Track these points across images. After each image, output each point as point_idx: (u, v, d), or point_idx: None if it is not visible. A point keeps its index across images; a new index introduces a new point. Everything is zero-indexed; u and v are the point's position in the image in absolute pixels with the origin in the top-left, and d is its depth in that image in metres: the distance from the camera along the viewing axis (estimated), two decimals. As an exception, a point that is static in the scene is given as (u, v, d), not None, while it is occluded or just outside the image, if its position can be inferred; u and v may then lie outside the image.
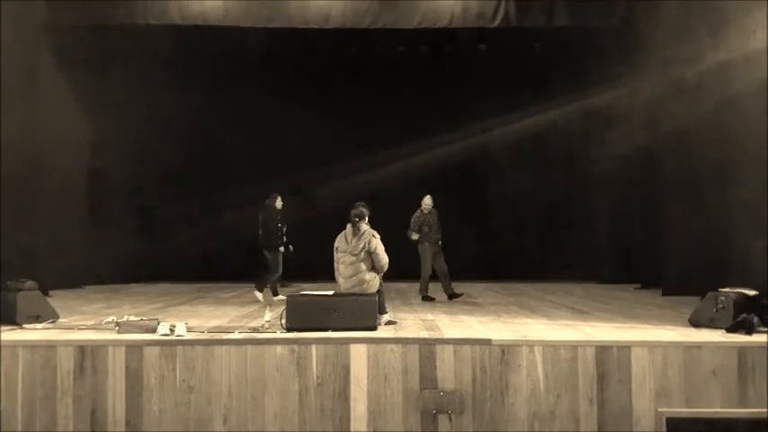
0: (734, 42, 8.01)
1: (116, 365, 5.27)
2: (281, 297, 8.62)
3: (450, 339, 5.41)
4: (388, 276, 6.50)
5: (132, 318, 5.91)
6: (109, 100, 11.35)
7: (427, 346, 5.32)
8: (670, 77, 9.17)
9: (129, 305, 8.05)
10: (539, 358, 5.24)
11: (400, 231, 11.00)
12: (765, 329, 5.61)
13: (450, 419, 5.16)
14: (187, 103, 12.35)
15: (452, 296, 8.69)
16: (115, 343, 5.35)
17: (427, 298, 8.67)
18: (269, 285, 8.94)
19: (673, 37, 9.26)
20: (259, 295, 8.72)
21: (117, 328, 5.67)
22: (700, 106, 8.74)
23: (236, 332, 5.71)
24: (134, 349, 5.31)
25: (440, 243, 8.77)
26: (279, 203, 9.14)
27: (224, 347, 5.33)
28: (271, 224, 8.94)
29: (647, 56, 9.94)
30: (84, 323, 6.29)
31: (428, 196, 8.79)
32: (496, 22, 9.69)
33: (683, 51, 9.00)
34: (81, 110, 10.90)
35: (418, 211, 8.80)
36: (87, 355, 5.28)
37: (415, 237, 8.67)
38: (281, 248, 8.91)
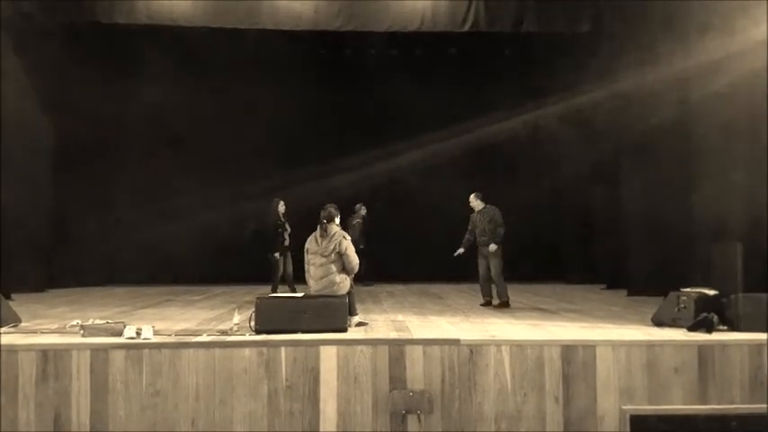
0: (695, 49, 8.24)
1: (80, 370, 5.18)
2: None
3: (420, 340, 5.45)
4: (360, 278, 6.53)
5: (97, 321, 5.79)
6: (73, 100, 11.14)
7: (397, 347, 5.34)
8: (634, 82, 9.38)
9: (94, 308, 7.89)
10: (506, 358, 5.30)
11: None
12: (725, 328, 5.79)
13: (420, 419, 5.19)
14: (152, 103, 12.20)
15: (486, 304, 8.05)
16: (79, 347, 5.25)
17: (485, 303, 8.02)
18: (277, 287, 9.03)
19: (636, 42, 9.49)
20: None
21: (81, 331, 5.56)
22: (662, 111, 8.97)
23: (204, 335, 5.66)
24: (99, 353, 5.22)
25: (489, 246, 7.86)
26: (281, 207, 9.17)
27: (191, 350, 5.27)
28: (270, 228, 8.97)
29: (612, 61, 10.15)
30: (47, 327, 6.15)
31: (472, 195, 8.08)
32: (466, 27, 9.80)
33: (646, 56, 9.22)
34: (44, 111, 10.69)
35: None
36: (50, 359, 5.18)
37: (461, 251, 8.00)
38: (276, 254, 8.96)
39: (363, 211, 11.27)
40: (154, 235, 12.26)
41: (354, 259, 6.22)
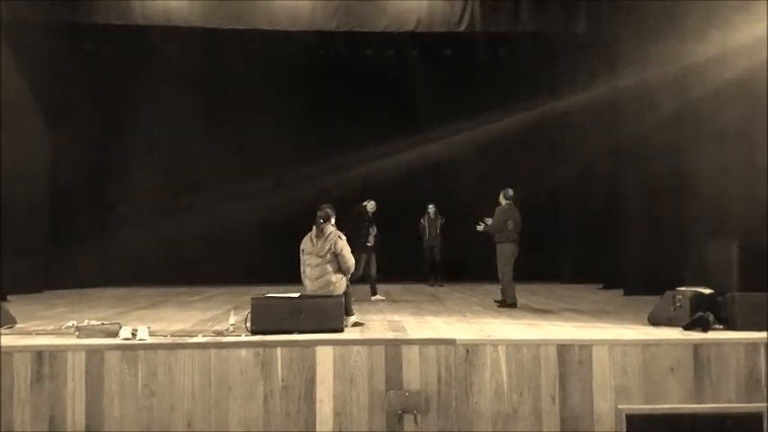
0: (691, 49, 8.25)
1: (75, 371, 5.16)
2: (378, 297, 8.98)
3: (416, 340, 5.44)
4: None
5: (93, 322, 5.77)
6: (70, 102, 11.12)
7: (393, 347, 5.33)
8: (630, 81, 9.39)
9: (90, 309, 7.88)
10: (502, 357, 5.30)
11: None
12: (720, 327, 5.80)
13: (416, 419, 5.18)
14: (149, 105, 12.20)
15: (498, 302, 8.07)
16: (75, 348, 5.24)
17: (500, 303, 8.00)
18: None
19: (632, 41, 9.50)
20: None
21: (77, 332, 5.55)
22: (658, 110, 8.98)
23: (200, 336, 5.65)
24: (94, 354, 5.20)
25: (498, 243, 8.02)
26: (371, 206, 9.29)
27: (187, 351, 5.26)
28: (353, 225, 8.98)
29: (607, 60, 10.16)
30: (42, 328, 6.13)
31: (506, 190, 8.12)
32: (462, 27, 9.81)
33: (642, 56, 9.23)
34: (41, 111, 10.66)
35: None
36: (45, 360, 5.16)
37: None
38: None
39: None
40: (151, 236, 12.26)
41: (350, 259, 6.21)
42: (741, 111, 7.43)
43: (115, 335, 5.46)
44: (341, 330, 5.77)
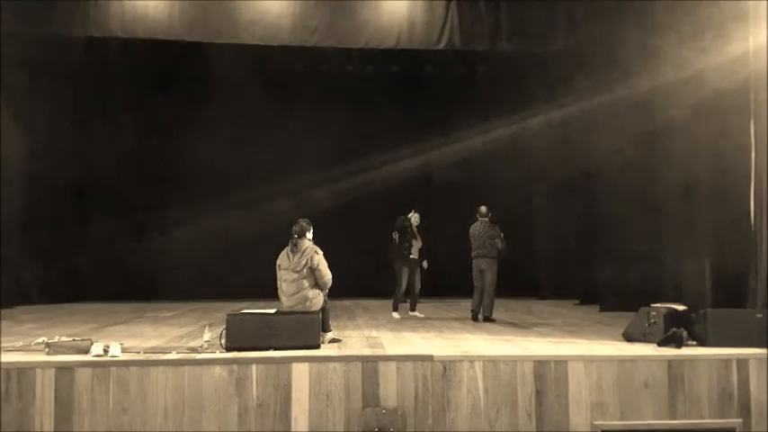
0: (664, 69, 8.43)
1: (44, 389, 5.04)
2: (415, 314, 8.73)
3: (393, 356, 5.42)
4: (333, 293, 6.47)
5: (64, 338, 5.66)
6: (44, 112, 10.98)
7: (370, 364, 5.30)
8: (605, 100, 9.55)
9: (62, 326, 7.72)
10: (479, 373, 5.30)
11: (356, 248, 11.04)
12: (694, 343, 5.87)
13: (392, 437, 5.15)
14: (126, 117, 12.10)
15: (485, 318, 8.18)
16: (44, 365, 5.12)
17: (486, 319, 8.13)
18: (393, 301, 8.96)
19: (607, 61, 9.68)
20: (395, 315, 8.69)
21: (47, 349, 5.42)
22: (631, 129, 9.14)
23: (174, 352, 5.56)
24: (64, 371, 5.09)
25: (482, 257, 8.33)
26: (415, 219, 9.20)
27: (160, 368, 5.17)
28: (395, 237, 8.96)
29: (583, 79, 10.33)
30: (11, 344, 5.98)
31: (482, 206, 8.51)
32: (442, 45, 9.92)
33: (617, 75, 9.40)
34: (14, 121, 10.50)
35: None
36: (13, 378, 5.03)
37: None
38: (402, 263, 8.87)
39: (414, 220, 9.66)
40: (125, 250, 12.09)
41: (327, 274, 6.18)
42: (712, 130, 7.59)
43: (86, 351, 5.35)
44: (317, 347, 5.72)
